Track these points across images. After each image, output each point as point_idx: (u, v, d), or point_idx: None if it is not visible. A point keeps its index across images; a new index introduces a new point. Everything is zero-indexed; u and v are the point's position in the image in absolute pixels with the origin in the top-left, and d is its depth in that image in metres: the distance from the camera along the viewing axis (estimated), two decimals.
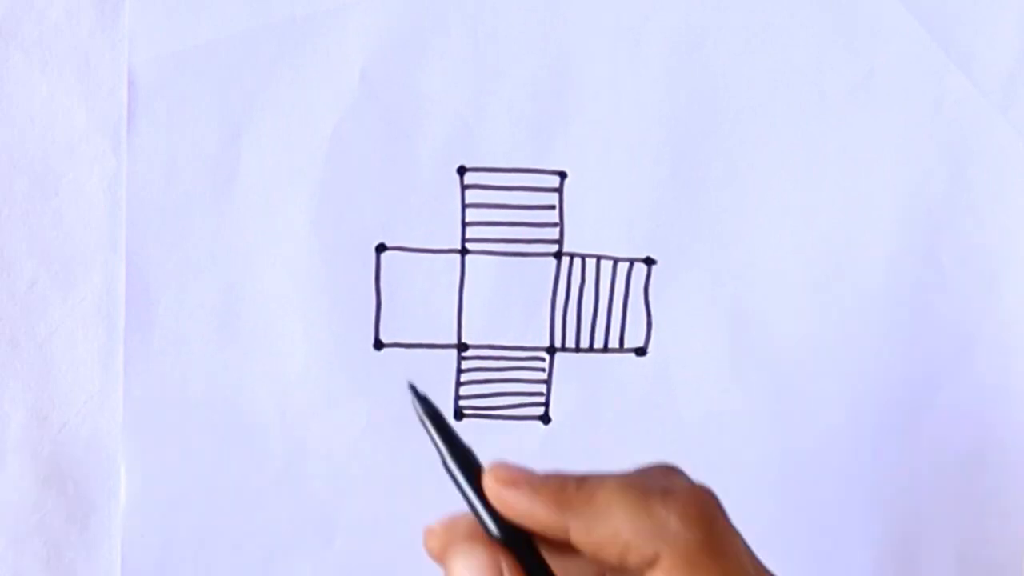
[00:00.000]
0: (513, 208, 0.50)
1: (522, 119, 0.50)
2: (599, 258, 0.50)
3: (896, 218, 0.51)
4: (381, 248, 0.50)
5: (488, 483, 0.41)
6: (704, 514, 0.40)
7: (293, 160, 0.50)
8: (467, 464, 0.41)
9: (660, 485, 0.41)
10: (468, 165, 0.50)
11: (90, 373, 0.50)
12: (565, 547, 0.41)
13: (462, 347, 0.50)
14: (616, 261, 0.50)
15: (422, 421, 0.41)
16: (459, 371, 0.50)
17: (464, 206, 0.50)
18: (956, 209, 0.51)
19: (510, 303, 0.50)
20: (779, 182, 0.50)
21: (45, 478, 0.50)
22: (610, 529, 0.40)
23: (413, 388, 0.42)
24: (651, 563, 0.40)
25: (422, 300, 0.50)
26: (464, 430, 0.50)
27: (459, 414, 0.50)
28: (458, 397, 0.50)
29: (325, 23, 0.49)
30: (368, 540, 0.50)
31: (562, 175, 0.50)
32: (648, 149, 0.50)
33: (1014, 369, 0.51)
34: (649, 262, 0.50)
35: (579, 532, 0.40)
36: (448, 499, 0.50)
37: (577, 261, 0.50)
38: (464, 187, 0.50)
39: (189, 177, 0.49)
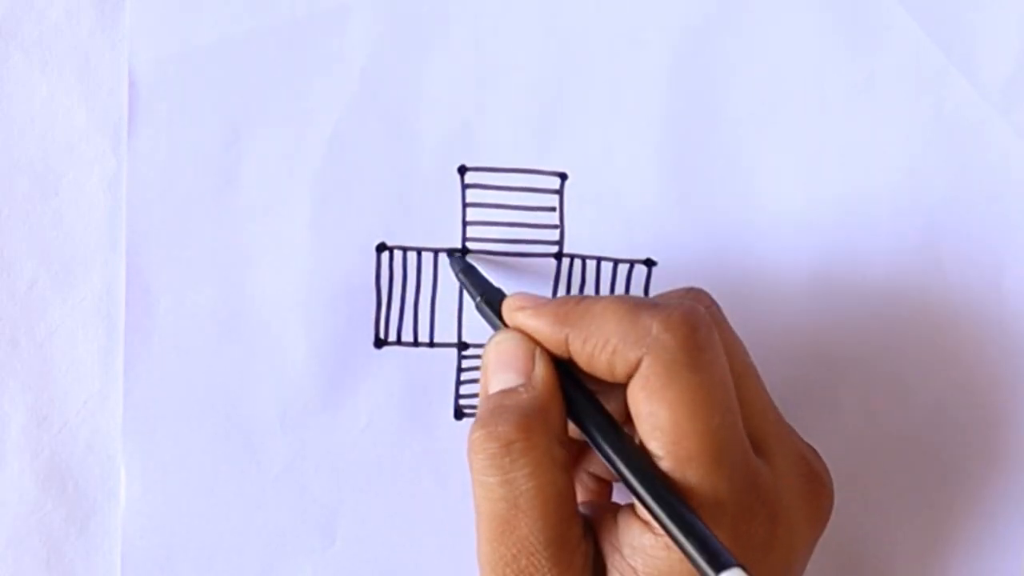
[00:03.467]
0: (514, 209, 0.50)
1: (523, 119, 0.50)
2: (599, 259, 0.50)
3: (896, 220, 0.51)
4: (381, 247, 0.50)
5: (504, 312, 0.45)
6: (685, 323, 0.42)
7: (294, 160, 0.50)
8: (496, 302, 0.46)
9: (655, 300, 0.44)
10: (469, 165, 0.50)
11: (90, 373, 0.50)
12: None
13: (463, 346, 0.50)
14: (616, 262, 0.50)
15: (458, 277, 0.49)
16: (459, 370, 0.50)
17: (465, 206, 0.50)
18: (957, 211, 0.51)
19: None
20: (779, 184, 0.50)
21: (45, 478, 0.50)
22: (602, 337, 0.42)
23: (448, 253, 0.49)
24: (635, 368, 0.42)
25: (423, 299, 0.50)
26: (465, 429, 0.50)
27: (459, 413, 0.50)
28: (458, 396, 0.50)
29: (325, 23, 0.49)
30: (369, 540, 0.50)
31: (563, 176, 0.50)
32: (649, 151, 0.50)
33: (1015, 370, 0.51)
34: (649, 263, 0.50)
35: (576, 341, 0.43)
36: (448, 499, 0.50)
37: (577, 262, 0.50)
38: (465, 187, 0.50)
39: (190, 177, 0.49)
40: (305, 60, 0.49)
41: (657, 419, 0.41)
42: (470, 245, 0.50)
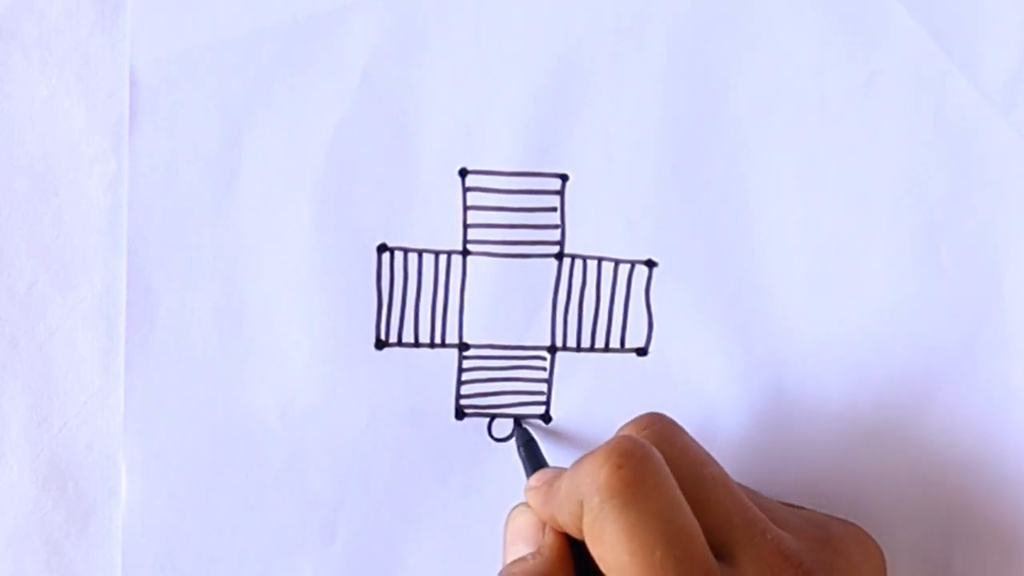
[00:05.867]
0: (515, 211, 0.50)
1: (524, 121, 0.50)
2: (600, 260, 0.50)
3: (897, 220, 0.51)
4: (383, 248, 0.50)
5: (525, 489, 0.46)
6: (608, 462, 0.41)
7: (295, 160, 0.50)
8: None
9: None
10: (469, 167, 0.50)
11: (90, 373, 0.50)
12: None
13: (463, 347, 0.50)
14: (617, 263, 0.50)
15: (518, 452, 0.49)
16: (460, 370, 0.50)
17: (465, 208, 0.50)
18: (957, 211, 0.51)
19: (511, 304, 0.50)
20: (780, 184, 0.50)
21: (45, 478, 0.50)
22: (560, 502, 0.42)
23: (516, 420, 0.50)
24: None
25: (424, 300, 0.50)
26: (465, 429, 0.50)
27: (460, 413, 0.50)
28: (459, 396, 0.50)
29: (327, 24, 0.49)
30: (369, 540, 0.50)
31: (563, 177, 0.50)
32: (649, 152, 0.50)
33: (1015, 369, 0.51)
34: (650, 264, 0.50)
35: (559, 518, 0.43)
36: (449, 499, 0.50)
37: (578, 263, 0.50)
38: (466, 189, 0.50)
39: (191, 177, 0.49)
40: (306, 60, 0.49)
41: (605, 562, 0.41)
42: (471, 247, 0.50)
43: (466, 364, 0.50)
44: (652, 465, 0.41)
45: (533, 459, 0.48)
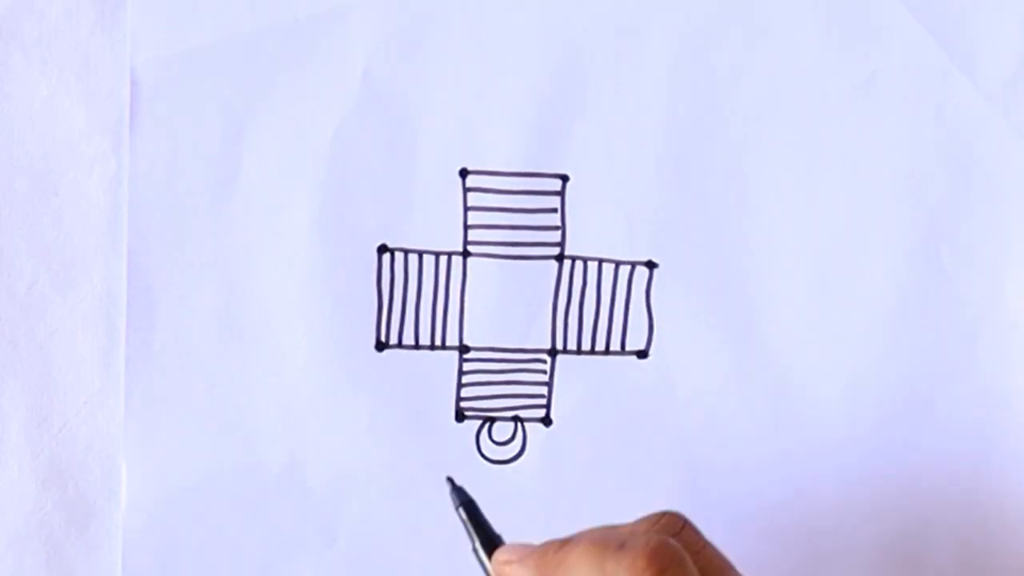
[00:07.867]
0: (515, 211, 0.50)
1: (524, 122, 0.50)
2: (601, 261, 0.50)
3: (897, 220, 0.51)
4: (383, 249, 0.50)
5: (494, 565, 0.44)
6: (649, 567, 0.40)
7: (295, 161, 0.50)
8: (492, 548, 0.44)
9: (621, 540, 0.42)
10: (470, 168, 0.50)
11: (90, 373, 0.50)
12: None
13: (464, 349, 0.50)
14: (618, 264, 0.50)
15: (457, 511, 0.45)
16: (460, 373, 0.50)
17: (466, 209, 0.50)
18: (957, 211, 0.51)
19: (512, 305, 0.50)
20: (780, 185, 0.50)
21: (45, 479, 0.50)
22: None
23: (450, 480, 0.45)
24: None
25: (424, 302, 0.50)
26: (466, 432, 0.50)
27: (460, 415, 0.50)
28: (459, 399, 0.50)
29: (328, 25, 0.49)
30: (369, 541, 0.50)
31: (564, 178, 0.50)
32: (650, 153, 0.50)
33: (1015, 370, 0.51)
34: (651, 265, 0.50)
35: None
36: (448, 500, 0.50)
37: (579, 264, 0.50)
38: (466, 190, 0.50)
39: (191, 177, 0.49)
40: (306, 61, 0.49)
41: None
42: (472, 248, 0.50)
43: (466, 366, 0.50)
44: (687, 571, 0.41)
45: (476, 521, 0.46)
